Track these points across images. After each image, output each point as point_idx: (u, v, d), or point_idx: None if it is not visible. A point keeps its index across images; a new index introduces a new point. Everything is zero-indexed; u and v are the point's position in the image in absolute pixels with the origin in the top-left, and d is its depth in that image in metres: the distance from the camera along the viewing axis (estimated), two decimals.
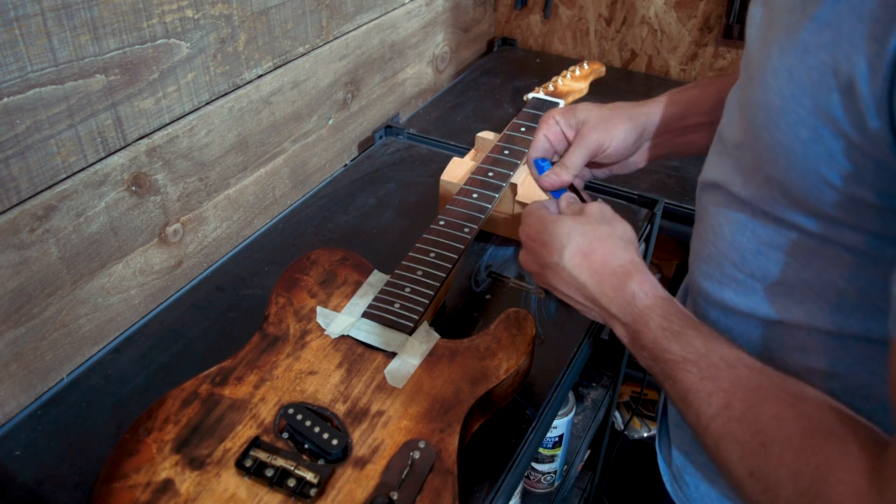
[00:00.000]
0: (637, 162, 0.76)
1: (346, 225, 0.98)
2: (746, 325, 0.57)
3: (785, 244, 0.51)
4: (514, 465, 0.66)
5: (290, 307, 0.73)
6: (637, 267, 0.58)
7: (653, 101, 0.74)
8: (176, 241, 0.86)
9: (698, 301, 0.62)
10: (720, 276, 0.58)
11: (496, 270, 0.89)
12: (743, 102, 0.52)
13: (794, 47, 0.44)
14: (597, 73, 1.25)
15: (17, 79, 0.63)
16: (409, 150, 1.15)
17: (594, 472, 1.40)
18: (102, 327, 0.79)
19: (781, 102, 0.45)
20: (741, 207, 0.54)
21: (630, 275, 0.58)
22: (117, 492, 0.57)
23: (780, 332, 0.54)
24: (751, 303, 0.56)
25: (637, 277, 0.57)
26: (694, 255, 0.63)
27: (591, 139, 0.70)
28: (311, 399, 0.64)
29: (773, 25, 0.48)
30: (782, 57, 0.45)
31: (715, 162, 0.60)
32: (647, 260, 1.07)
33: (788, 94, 0.45)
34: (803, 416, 0.46)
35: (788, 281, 0.52)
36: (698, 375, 0.51)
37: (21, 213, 0.67)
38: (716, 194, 0.58)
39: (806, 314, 0.52)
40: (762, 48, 0.48)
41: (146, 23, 0.73)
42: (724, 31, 1.35)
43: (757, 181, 0.52)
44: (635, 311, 0.56)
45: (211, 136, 0.86)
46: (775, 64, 0.46)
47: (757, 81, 0.48)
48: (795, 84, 0.44)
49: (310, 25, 0.98)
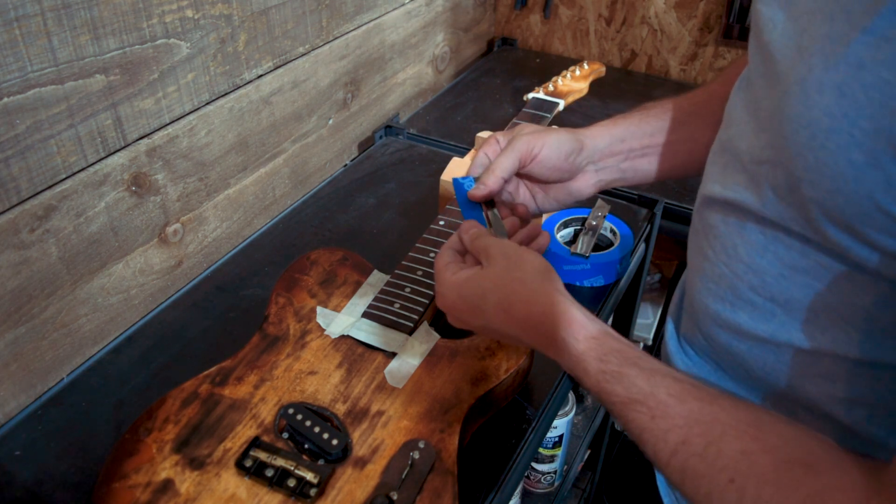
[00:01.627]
0: (581, 188, 0.72)
1: (346, 225, 0.98)
2: (762, 350, 0.54)
3: (812, 267, 0.48)
4: (514, 465, 0.66)
5: (290, 307, 0.73)
6: (560, 308, 0.53)
7: (596, 125, 0.71)
8: (176, 241, 0.86)
9: (704, 321, 0.59)
10: (733, 298, 0.55)
11: None
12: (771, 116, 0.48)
13: (844, 61, 0.41)
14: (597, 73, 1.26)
15: (17, 79, 0.63)
16: (409, 150, 1.15)
17: (594, 472, 1.40)
18: (102, 327, 0.79)
19: (830, 122, 0.41)
20: (762, 228, 0.51)
21: (556, 322, 0.53)
22: (117, 492, 0.57)
23: (800, 359, 0.52)
24: (770, 328, 0.52)
25: (563, 322, 0.53)
26: (696, 272, 0.60)
27: (519, 142, 0.66)
28: (311, 399, 0.64)
29: (808, 33, 0.44)
30: (828, 71, 0.41)
31: (723, 177, 0.55)
32: (647, 260, 1.07)
33: (839, 114, 0.41)
34: (771, 449, 0.44)
35: (814, 306, 0.49)
36: (649, 415, 0.48)
37: (21, 213, 0.67)
38: (728, 212, 0.54)
39: (832, 341, 0.49)
40: (796, 58, 0.45)
41: (146, 23, 0.73)
42: (724, 31, 1.35)
43: (789, 202, 0.48)
44: (571, 359, 0.52)
45: (211, 136, 0.87)
46: (820, 78, 0.42)
47: (795, 95, 0.44)
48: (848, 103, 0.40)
49: (310, 25, 0.98)
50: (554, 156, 0.67)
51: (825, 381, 0.51)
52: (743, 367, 0.56)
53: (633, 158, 0.71)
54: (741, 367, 0.56)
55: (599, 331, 0.52)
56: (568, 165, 0.68)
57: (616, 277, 0.88)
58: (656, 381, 0.49)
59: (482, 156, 0.68)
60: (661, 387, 0.48)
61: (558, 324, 0.53)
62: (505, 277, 0.55)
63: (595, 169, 0.71)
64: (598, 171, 0.71)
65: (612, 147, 0.70)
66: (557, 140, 0.67)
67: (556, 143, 0.67)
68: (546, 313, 0.53)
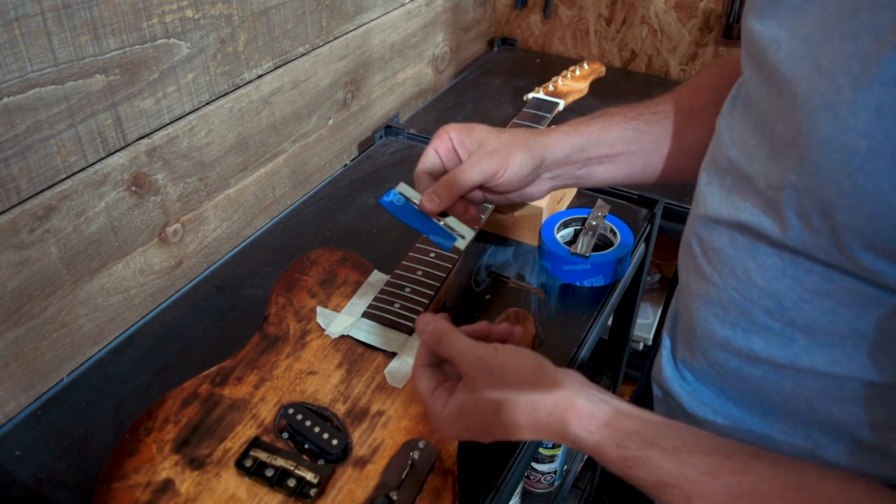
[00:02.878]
0: (534, 193, 0.71)
1: (346, 225, 0.98)
2: (778, 375, 0.52)
3: (836, 291, 0.46)
4: (514, 465, 0.66)
5: (290, 307, 0.73)
6: (563, 405, 0.51)
7: (553, 131, 0.70)
8: (176, 241, 0.86)
9: (709, 347, 0.57)
10: (745, 323, 0.52)
11: (496, 270, 0.89)
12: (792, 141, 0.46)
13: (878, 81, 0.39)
14: (597, 73, 1.26)
15: (17, 79, 0.63)
16: (409, 150, 1.15)
17: (594, 472, 1.40)
18: (102, 327, 0.79)
19: (870, 145, 0.39)
20: (779, 251, 0.48)
21: (563, 418, 0.50)
22: (117, 492, 0.57)
23: (824, 384, 0.50)
24: (788, 354, 0.50)
25: (571, 416, 0.50)
26: (696, 297, 0.57)
27: (485, 165, 0.65)
28: (311, 399, 0.64)
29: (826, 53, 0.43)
30: (860, 92, 0.40)
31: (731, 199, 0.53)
32: (647, 260, 1.07)
33: (881, 136, 0.39)
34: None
35: (839, 331, 0.47)
36: (683, 496, 0.45)
37: (21, 213, 0.67)
38: (737, 236, 0.52)
39: (860, 366, 0.47)
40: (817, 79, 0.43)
41: (146, 23, 0.73)
42: (724, 31, 1.35)
43: (817, 228, 0.45)
44: (588, 450, 0.50)
45: (211, 136, 0.87)
46: (852, 99, 0.40)
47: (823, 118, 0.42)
48: (890, 124, 0.39)
49: (310, 25, 0.98)
50: (515, 178, 0.66)
51: (852, 405, 0.49)
52: (756, 392, 0.55)
53: (591, 166, 0.71)
54: (753, 392, 0.55)
55: (610, 415, 0.50)
56: (526, 182, 0.68)
57: (616, 277, 0.88)
58: (684, 460, 0.46)
59: (433, 152, 0.67)
60: (691, 465, 0.46)
61: (567, 422, 0.50)
62: (497, 397, 0.52)
63: (550, 177, 0.71)
64: (552, 179, 0.71)
65: (571, 156, 0.70)
66: (521, 162, 0.66)
67: (519, 165, 0.66)
68: (552, 414, 0.51)
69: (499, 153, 0.65)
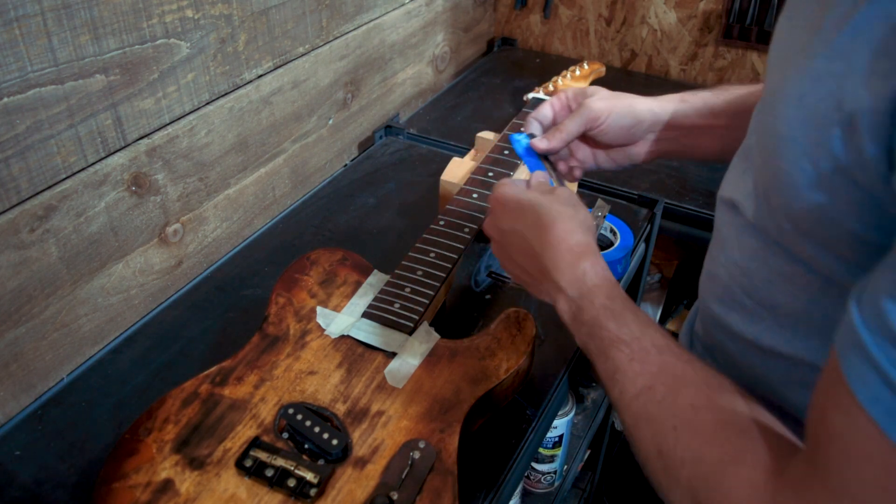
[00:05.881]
0: (638, 153, 0.77)
1: (346, 225, 0.98)
2: (750, 354, 0.55)
3: (795, 275, 0.49)
4: (514, 465, 0.66)
5: (290, 307, 0.73)
6: (591, 250, 0.60)
7: (664, 97, 0.75)
8: (176, 241, 0.86)
9: (706, 322, 0.61)
10: (728, 300, 0.56)
11: (496, 270, 0.89)
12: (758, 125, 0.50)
13: (808, 75, 0.42)
14: (597, 73, 1.25)
15: (17, 79, 0.63)
16: (409, 150, 1.15)
17: (594, 472, 1.40)
18: (102, 327, 0.79)
19: (788, 131, 0.43)
20: (754, 233, 0.52)
21: (584, 255, 0.59)
22: (117, 492, 0.57)
23: (783, 366, 0.53)
24: (756, 331, 0.54)
25: (590, 259, 0.59)
26: (704, 272, 0.61)
27: (589, 108, 0.72)
28: (311, 399, 0.64)
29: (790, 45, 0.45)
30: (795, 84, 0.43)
31: (735, 179, 0.57)
32: (647, 260, 1.07)
33: (796, 124, 0.42)
34: (717, 409, 0.47)
35: (796, 314, 0.50)
36: (629, 356, 0.52)
37: (21, 213, 0.67)
38: (732, 214, 0.55)
39: (809, 350, 0.50)
40: (780, 69, 0.46)
41: (146, 23, 0.73)
42: (724, 31, 1.35)
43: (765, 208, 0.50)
44: (583, 288, 0.58)
45: (211, 136, 0.87)
46: (788, 90, 0.43)
47: (769, 105, 0.46)
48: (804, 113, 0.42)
49: (310, 25, 0.98)
50: (617, 127, 0.73)
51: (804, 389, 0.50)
52: (738, 369, 0.57)
53: (696, 135, 0.74)
54: (735, 369, 0.57)
55: (615, 280, 0.59)
56: (627, 135, 0.74)
57: (616, 277, 0.88)
58: (646, 330, 0.53)
59: (548, 105, 0.77)
60: (649, 336, 0.53)
61: (585, 257, 0.59)
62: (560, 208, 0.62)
63: (654, 139, 0.76)
64: (656, 142, 0.76)
65: (678, 121, 0.74)
66: (619, 114, 0.73)
67: (618, 116, 0.73)
68: (579, 245, 0.59)
69: (605, 101, 0.73)
